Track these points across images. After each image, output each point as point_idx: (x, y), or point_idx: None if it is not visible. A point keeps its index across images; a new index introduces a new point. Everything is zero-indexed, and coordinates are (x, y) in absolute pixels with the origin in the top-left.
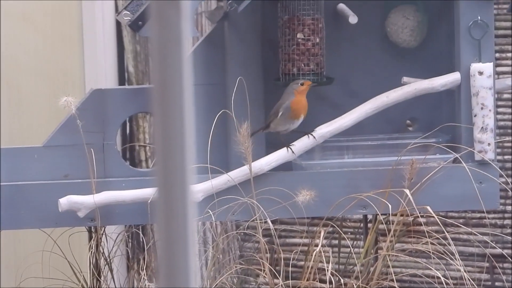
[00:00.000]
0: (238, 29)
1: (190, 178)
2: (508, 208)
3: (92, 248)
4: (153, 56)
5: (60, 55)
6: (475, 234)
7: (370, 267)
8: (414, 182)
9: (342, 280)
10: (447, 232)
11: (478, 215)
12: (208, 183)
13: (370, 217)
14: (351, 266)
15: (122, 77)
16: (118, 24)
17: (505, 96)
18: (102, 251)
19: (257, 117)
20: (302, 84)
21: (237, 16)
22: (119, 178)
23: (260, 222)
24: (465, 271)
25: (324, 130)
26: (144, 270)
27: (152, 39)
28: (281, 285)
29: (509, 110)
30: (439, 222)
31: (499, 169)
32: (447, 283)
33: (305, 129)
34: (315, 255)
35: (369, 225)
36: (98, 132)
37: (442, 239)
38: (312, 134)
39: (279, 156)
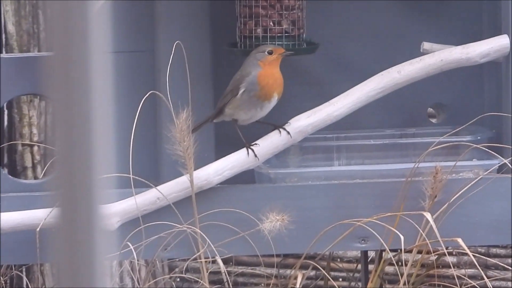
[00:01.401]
0: None
1: (102, 195)
2: None
3: None
4: (48, 9)
5: None
6: None
7: None
8: (439, 201)
9: None
10: (488, 277)
11: None
12: (129, 202)
13: (372, 254)
14: None
15: None
16: None
17: None
18: None
19: (202, 102)
20: (270, 53)
21: None
22: None
23: (206, 261)
24: None
25: (303, 122)
26: None
27: None
28: None
29: None
30: (476, 263)
31: None
32: None
33: (274, 121)
34: None
35: (371, 266)
36: None
37: None
38: (284, 129)
39: (236, 161)
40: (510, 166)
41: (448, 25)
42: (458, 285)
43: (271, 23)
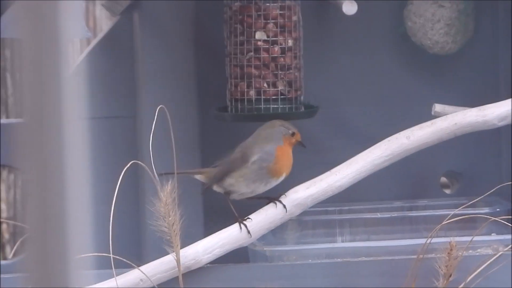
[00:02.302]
0: (156, 26)
1: (78, 276)
2: None
3: None
4: (18, 72)
5: None
6: None
7: None
8: (455, 280)
9: None
10: None
11: None
12: (108, 285)
13: None
14: None
15: None
16: None
17: None
18: None
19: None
20: (293, 135)
21: (154, 4)
22: None
23: None
24: None
25: (302, 194)
26: None
27: (19, 44)
28: None
29: None
30: None
31: None
32: None
33: (269, 193)
34: None
35: None
36: None
37: None
38: (280, 201)
39: (227, 238)
40: None
41: (461, 85)
42: None
43: (265, 85)
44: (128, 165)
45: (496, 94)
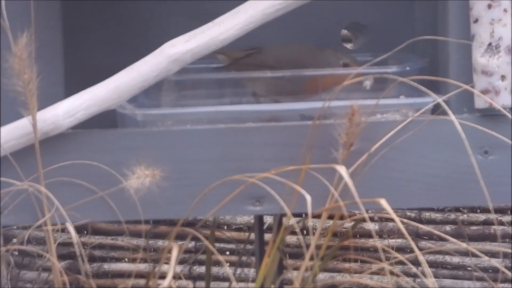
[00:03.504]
0: None
1: None
2: None
3: None
4: None
5: None
6: (475, 255)
7: None
8: (357, 150)
9: None
10: (420, 249)
11: (483, 217)
12: None
13: (268, 219)
14: None
15: None
16: None
17: None
18: None
19: (47, 21)
20: (346, 65)
21: None
22: None
23: (54, 229)
24: None
25: (180, 48)
26: None
27: None
28: None
29: None
30: (405, 231)
31: None
32: None
33: (139, 47)
34: None
35: (267, 235)
36: None
37: (410, 264)
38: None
39: (93, 99)
40: (444, 106)
41: None
42: (381, 259)
43: None
44: None
45: None
